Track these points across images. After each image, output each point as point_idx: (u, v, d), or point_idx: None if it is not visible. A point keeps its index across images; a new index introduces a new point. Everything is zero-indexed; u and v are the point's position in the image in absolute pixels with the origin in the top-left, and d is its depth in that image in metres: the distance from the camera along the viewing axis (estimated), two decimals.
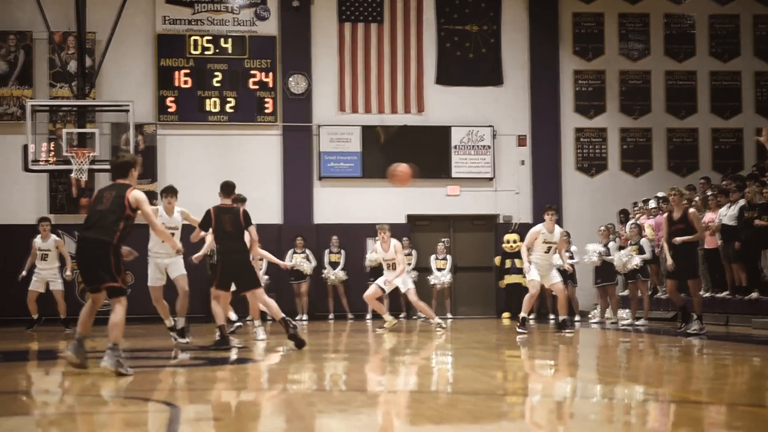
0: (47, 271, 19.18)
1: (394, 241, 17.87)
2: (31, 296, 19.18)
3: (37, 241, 19.26)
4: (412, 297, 17.84)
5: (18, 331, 19.22)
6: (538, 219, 24.30)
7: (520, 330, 16.46)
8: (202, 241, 15.01)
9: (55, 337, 17.37)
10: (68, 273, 19.27)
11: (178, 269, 14.49)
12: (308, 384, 9.89)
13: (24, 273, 19.42)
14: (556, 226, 16.97)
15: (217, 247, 14.11)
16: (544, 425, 7.22)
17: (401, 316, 22.70)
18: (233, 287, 14.24)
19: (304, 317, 22.86)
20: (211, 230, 13.99)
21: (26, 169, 20.48)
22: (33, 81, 23.31)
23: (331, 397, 8.73)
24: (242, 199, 15.44)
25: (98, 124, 22.28)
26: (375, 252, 18.74)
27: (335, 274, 23.43)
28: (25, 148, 20.21)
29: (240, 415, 7.74)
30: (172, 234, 13.50)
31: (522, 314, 16.84)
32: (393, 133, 24.46)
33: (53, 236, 19.49)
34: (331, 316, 23.32)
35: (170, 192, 14.58)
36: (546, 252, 16.77)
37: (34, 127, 20.74)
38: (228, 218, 13.72)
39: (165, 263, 14.45)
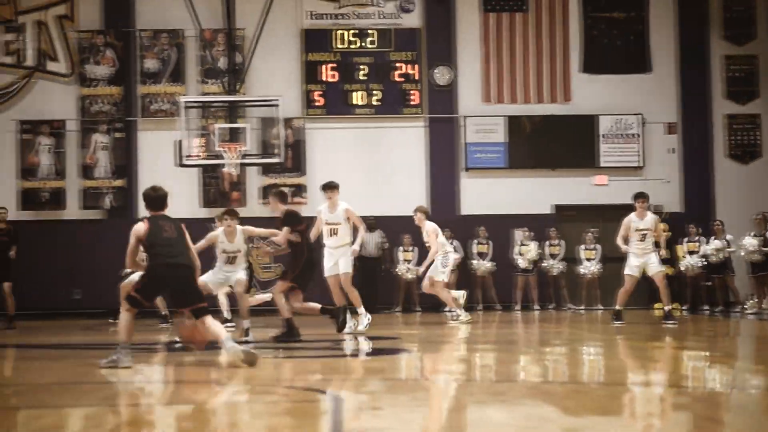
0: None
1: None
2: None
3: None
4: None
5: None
6: (688, 208, 23.90)
7: (616, 323, 16.24)
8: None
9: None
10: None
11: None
12: (463, 374, 9.89)
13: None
14: (648, 213, 16.79)
15: (307, 246, 14.12)
16: (704, 416, 7.07)
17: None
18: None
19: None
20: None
21: (180, 164, 20.96)
22: (184, 78, 23.87)
23: (488, 388, 8.72)
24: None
25: (248, 119, 22.68)
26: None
27: (483, 265, 23.37)
28: (179, 143, 20.69)
29: (399, 404, 7.78)
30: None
31: (617, 306, 16.62)
32: (538, 123, 24.27)
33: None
34: (479, 306, 23.25)
35: (231, 214, 14.69)
36: (641, 240, 16.59)
37: (187, 123, 21.20)
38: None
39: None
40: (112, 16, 23.91)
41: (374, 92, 24.03)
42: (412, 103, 24.09)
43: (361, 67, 24.01)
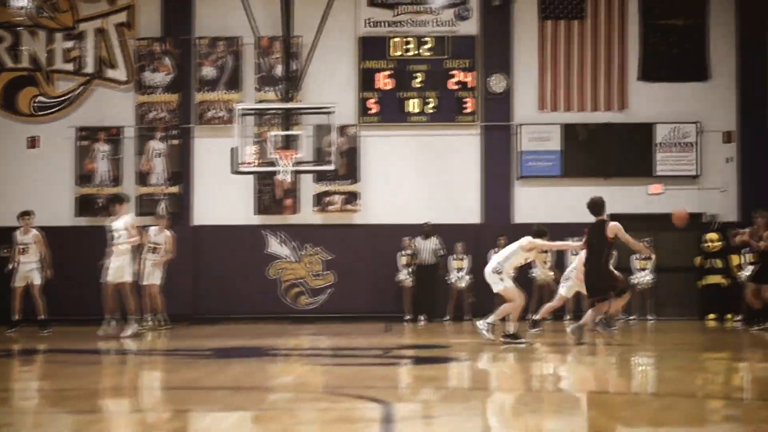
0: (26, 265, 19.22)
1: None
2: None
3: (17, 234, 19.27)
4: None
5: (234, 328, 19.78)
6: (745, 218, 23.57)
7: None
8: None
9: (257, 333, 17.80)
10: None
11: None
12: (518, 384, 9.83)
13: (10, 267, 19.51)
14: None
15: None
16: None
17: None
18: None
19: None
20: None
21: (235, 171, 21.05)
22: (241, 85, 23.99)
23: (543, 398, 8.65)
24: None
25: (302, 126, 22.73)
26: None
27: (544, 273, 23.16)
28: (234, 150, 20.77)
29: (452, 413, 7.74)
30: None
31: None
32: (594, 131, 24.10)
33: (33, 230, 19.27)
34: (536, 316, 23.01)
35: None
36: None
37: (242, 131, 21.29)
38: None
39: None
40: (171, 24, 24.10)
41: (429, 100, 23.99)
42: (466, 110, 24.02)
43: (417, 74, 23.98)
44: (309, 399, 8.70)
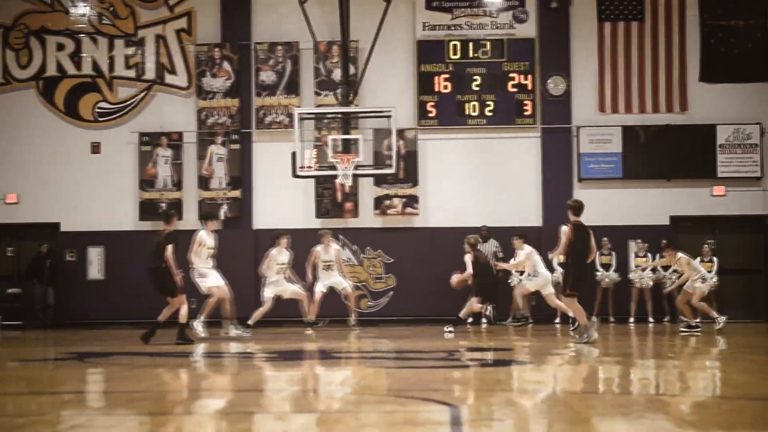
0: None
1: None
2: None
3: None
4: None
5: (296, 332, 19.88)
6: None
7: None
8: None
9: (320, 336, 17.88)
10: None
11: None
12: (584, 386, 9.78)
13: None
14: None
15: None
16: None
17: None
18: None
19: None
20: None
21: (295, 174, 21.15)
22: (299, 90, 24.11)
23: (609, 400, 8.61)
24: None
25: (361, 130, 22.78)
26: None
27: (609, 276, 22.98)
28: (294, 154, 20.86)
29: (518, 416, 7.73)
30: None
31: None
32: (654, 133, 23.92)
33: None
34: (611, 318, 22.88)
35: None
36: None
37: (301, 135, 21.38)
38: None
39: None
40: (230, 29, 24.28)
41: (487, 103, 23.95)
42: (525, 113, 23.94)
43: (475, 77, 23.95)
44: (374, 401, 8.72)
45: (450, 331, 18.26)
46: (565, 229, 16.30)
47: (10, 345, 17.93)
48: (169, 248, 16.06)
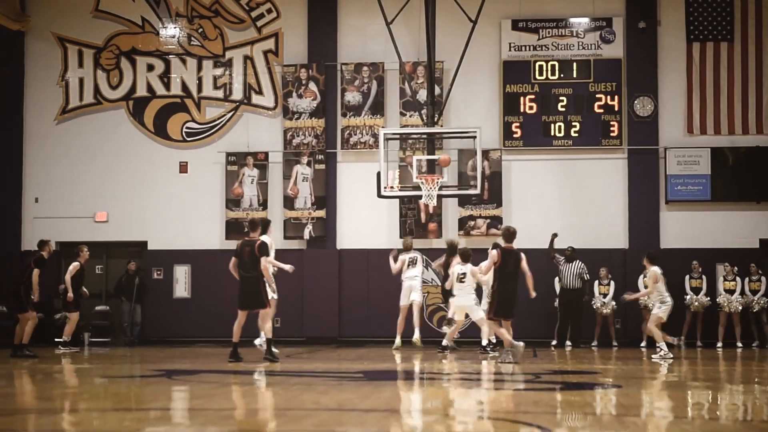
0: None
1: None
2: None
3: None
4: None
5: (382, 351, 19.88)
6: None
7: None
8: None
9: (403, 357, 17.85)
10: None
11: None
12: (668, 410, 9.65)
13: None
14: None
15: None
16: None
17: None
18: None
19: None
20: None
21: (380, 195, 21.22)
22: (384, 110, 24.21)
23: (698, 426, 8.47)
24: None
25: (446, 150, 22.79)
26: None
27: (698, 300, 22.59)
28: (379, 175, 20.94)
29: None
30: None
31: None
32: (743, 154, 23.55)
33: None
34: (698, 343, 22.50)
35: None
36: None
37: (386, 155, 21.43)
38: None
39: None
40: (317, 50, 24.48)
41: (573, 123, 23.79)
42: (612, 134, 23.73)
43: (561, 98, 23.82)
44: (463, 422, 8.69)
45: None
46: (493, 253, 16.40)
47: (98, 362, 18.19)
48: (263, 260, 16.09)
